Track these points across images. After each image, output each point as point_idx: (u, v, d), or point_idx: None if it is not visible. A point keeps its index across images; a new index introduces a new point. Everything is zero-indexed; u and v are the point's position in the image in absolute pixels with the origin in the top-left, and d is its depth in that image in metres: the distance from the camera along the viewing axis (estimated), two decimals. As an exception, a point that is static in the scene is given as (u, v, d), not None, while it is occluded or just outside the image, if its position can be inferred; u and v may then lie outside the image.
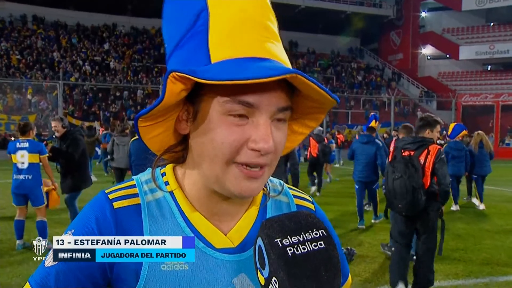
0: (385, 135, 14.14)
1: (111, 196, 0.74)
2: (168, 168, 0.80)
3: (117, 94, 27.90)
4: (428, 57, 39.12)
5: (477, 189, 9.35)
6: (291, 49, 36.78)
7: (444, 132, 29.71)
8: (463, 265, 5.20)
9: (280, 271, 0.55)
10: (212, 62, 0.66)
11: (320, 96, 0.67)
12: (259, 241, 0.59)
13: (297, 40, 37.77)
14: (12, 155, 5.53)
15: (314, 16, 36.86)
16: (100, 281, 0.71)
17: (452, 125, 9.22)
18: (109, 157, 9.69)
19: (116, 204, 0.73)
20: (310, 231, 0.59)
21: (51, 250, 0.71)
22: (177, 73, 0.62)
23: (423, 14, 38.77)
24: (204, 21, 0.69)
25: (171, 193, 0.77)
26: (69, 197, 6.07)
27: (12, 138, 10.99)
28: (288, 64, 0.70)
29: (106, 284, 0.73)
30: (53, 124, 6.05)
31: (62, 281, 0.69)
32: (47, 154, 5.66)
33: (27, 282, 0.72)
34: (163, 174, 0.80)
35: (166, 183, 0.78)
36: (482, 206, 9.14)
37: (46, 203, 5.69)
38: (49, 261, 0.71)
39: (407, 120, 29.38)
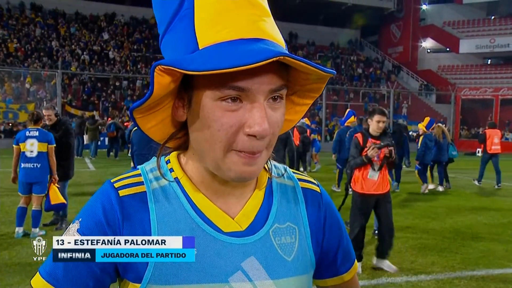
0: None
1: (116, 185, 0.75)
2: (172, 156, 0.81)
3: (116, 84, 27.79)
4: (428, 50, 38.98)
5: (438, 173, 10.83)
6: (291, 40, 36.60)
7: (444, 125, 29.76)
8: (460, 258, 5.23)
9: None
10: (200, 47, 0.65)
11: (315, 72, 0.67)
12: None
13: (297, 31, 37.56)
14: (21, 144, 5.58)
15: (314, 8, 36.63)
16: (111, 271, 0.73)
17: (427, 119, 10.55)
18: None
19: (122, 192, 0.74)
20: None
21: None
22: (162, 65, 0.62)
23: (424, 6, 38.55)
24: (190, 3, 0.67)
25: (176, 179, 0.77)
26: (61, 185, 6.16)
27: (19, 128, 11.00)
28: (279, 41, 0.70)
29: (116, 273, 0.74)
30: (46, 112, 6.13)
31: (72, 271, 0.70)
32: (54, 145, 5.69)
33: (37, 272, 0.73)
34: (168, 162, 0.80)
35: (171, 170, 0.78)
36: (441, 188, 10.65)
37: (46, 193, 5.71)
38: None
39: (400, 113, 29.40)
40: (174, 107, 0.74)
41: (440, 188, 10.70)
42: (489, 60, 37.96)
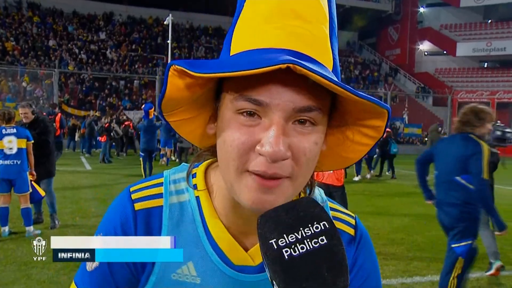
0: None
1: (134, 196, 0.72)
2: (200, 169, 0.75)
3: (113, 83, 27.74)
4: (425, 53, 39.14)
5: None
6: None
7: (439, 128, 29.88)
8: (441, 263, 5.24)
9: (277, 276, 0.49)
10: (231, 54, 0.63)
11: (346, 95, 0.57)
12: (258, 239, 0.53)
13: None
14: None
15: (312, 9, 36.66)
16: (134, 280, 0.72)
17: None
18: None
19: (138, 206, 0.71)
20: (310, 225, 0.51)
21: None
22: (176, 65, 0.59)
23: (421, 9, 38.72)
24: (239, 10, 0.65)
25: (197, 198, 0.72)
26: (46, 183, 6.13)
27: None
28: (327, 61, 0.63)
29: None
30: (22, 110, 6.10)
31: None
32: (32, 141, 5.68)
33: (73, 282, 0.74)
34: (194, 175, 0.75)
35: (195, 186, 0.73)
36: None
37: (31, 190, 5.69)
38: (90, 265, 0.71)
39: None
40: (209, 119, 0.70)
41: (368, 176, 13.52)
42: (486, 64, 38.15)
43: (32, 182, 5.74)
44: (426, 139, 13.86)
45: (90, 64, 28.37)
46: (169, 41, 23.21)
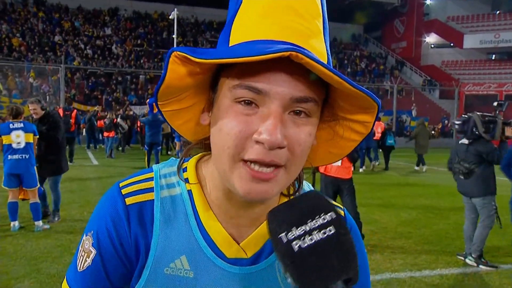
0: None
1: (124, 191, 0.71)
2: (191, 163, 0.76)
3: (119, 78, 27.80)
4: (432, 45, 38.80)
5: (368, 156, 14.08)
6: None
7: (446, 121, 29.61)
8: (449, 256, 5.22)
9: (289, 269, 0.51)
10: (230, 45, 0.64)
11: (342, 87, 0.58)
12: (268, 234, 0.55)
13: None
14: (3, 136, 5.56)
15: (317, 2, 36.40)
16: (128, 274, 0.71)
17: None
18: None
19: (129, 200, 0.70)
20: (317, 217, 0.53)
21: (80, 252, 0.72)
22: (178, 52, 0.59)
23: (427, 1, 38.32)
24: (238, 3, 0.66)
25: (189, 192, 0.72)
26: (53, 180, 6.14)
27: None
28: (321, 54, 0.64)
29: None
30: (31, 106, 6.11)
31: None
32: (37, 136, 5.70)
33: (65, 279, 0.73)
34: (184, 170, 0.75)
35: (186, 180, 0.73)
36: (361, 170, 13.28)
37: (39, 185, 5.72)
38: (81, 264, 0.71)
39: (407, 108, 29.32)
40: (203, 110, 0.71)
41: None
42: (493, 56, 37.75)
43: None
44: (412, 132, 14.23)
45: (96, 59, 28.43)
46: (174, 36, 23.17)
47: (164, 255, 0.69)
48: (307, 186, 0.81)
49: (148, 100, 12.37)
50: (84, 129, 18.44)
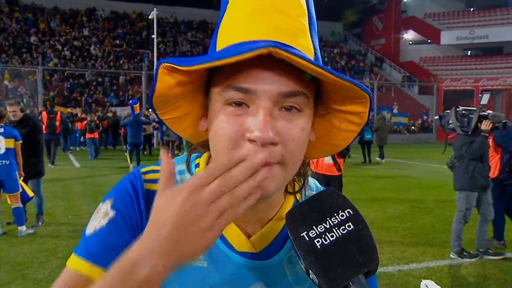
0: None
1: (144, 177, 0.72)
2: (203, 159, 0.77)
3: (99, 80, 27.37)
4: (410, 42, 39.39)
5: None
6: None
7: (425, 117, 30.10)
8: (449, 247, 5.32)
9: (313, 265, 0.53)
10: (217, 50, 0.65)
11: (328, 78, 0.59)
12: (289, 234, 0.57)
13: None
14: None
15: (297, 1, 36.55)
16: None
17: None
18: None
19: (147, 186, 0.71)
20: (336, 214, 0.56)
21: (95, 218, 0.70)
22: (165, 63, 0.61)
23: (405, -2, 38.90)
24: (223, 10, 0.67)
25: None
26: (35, 183, 6.04)
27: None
28: (308, 50, 0.65)
29: None
30: (10, 108, 6.01)
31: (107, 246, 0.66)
32: (21, 141, 5.57)
33: (72, 253, 0.68)
34: (197, 165, 0.76)
35: None
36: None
37: (21, 190, 5.60)
38: (94, 228, 0.68)
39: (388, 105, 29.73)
40: (200, 117, 0.72)
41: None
42: (469, 52, 38.56)
43: (21, 182, 5.65)
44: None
45: (74, 60, 27.91)
46: (154, 36, 22.94)
47: None
48: (312, 183, 0.83)
49: (129, 102, 12.51)
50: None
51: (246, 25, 0.63)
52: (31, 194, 5.80)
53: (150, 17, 22.26)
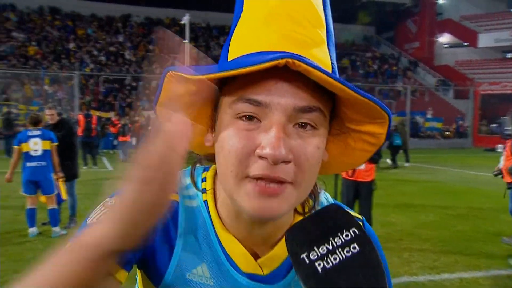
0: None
1: None
2: (210, 174, 0.74)
3: (133, 84, 28.07)
4: (445, 45, 38.36)
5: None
6: (305, 38, 36.42)
7: (461, 122, 29.20)
8: (484, 256, 5.14)
9: None
10: (228, 60, 0.62)
11: (347, 94, 0.56)
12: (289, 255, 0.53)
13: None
14: (23, 144, 5.65)
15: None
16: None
17: None
18: None
19: None
20: (340, 234, 0.51)
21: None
22: (172, 71, 0.59)
23: (440, 0, 37.94)
24: (236, 18, 0.64)
25: (205, 202, 0.71)
26: (69, 185, 6.22)
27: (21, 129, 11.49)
28: (325, 65, 0.61)
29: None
30: (49, 112, 6.29)
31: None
32: (57, 143, 5.77)
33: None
34: (204, 180, 0.73)
35: (204, 190, 0.72)
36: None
37: (57, 191, 5.79)
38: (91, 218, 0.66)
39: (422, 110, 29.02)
40: (207, 131, 0.69)
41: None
42: (509, 54, 37.13)
43: (59, 183, 5.85)
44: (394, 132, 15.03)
45: (110, 65, 28.76)
46: (186, 41, 23.34)
47: (186, 260, 0.68)
48: (324, 199, 0.78)
49: None
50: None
51: (259, 34, 0.60)
52: (64, 196, 6.00)
53: (182, 22, 22.65)
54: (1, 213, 6.93)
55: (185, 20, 21.63)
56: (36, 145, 5.65)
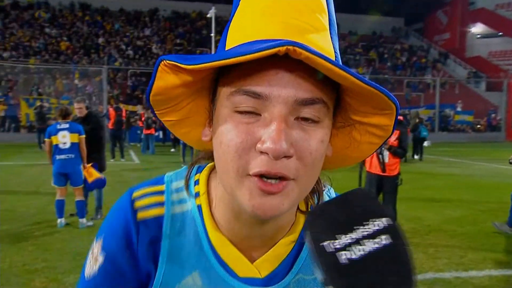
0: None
1: (136, 204, 0.68)
2: (203, 175, 0.71)
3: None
4: (478, 36, 37.10)
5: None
6: (332, 30, 36.03)
7: (493, 115, 28.24)
8: (499, 256, 4.98)
9: (335, 283, 0.42)
10: (226, 49, 0.59)
11: (351, 83, 0.52)
12: (306, 241, 0.46)
13: (338, 21, 36.54)
14: (52, 137, 5.81)
15: (356, -4, 35.76)
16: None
17: None
18: None
19: (140, 215, 0.67)
20: (368, 223, 0.45)
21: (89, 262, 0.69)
22: (166, 60, 0.55)
23: (473, -10, 36.71)
24: (235, 7, 0.62)
25: (199, 207, 0.68)
26: None
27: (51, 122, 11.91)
28: (328, 53, 0.58)
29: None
30: (77, 105, 6.45)
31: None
32: (84, 135, 5.91)
33: None
34: (196, 182, 0.71)
35: (197, 194, 0.69)
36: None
37: (83, 184, 5.94)
38: (88, 273, 0.68)
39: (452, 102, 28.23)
40: (204, 125, 0.66)
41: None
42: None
43: (89, 170, 5.99)
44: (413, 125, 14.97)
45: (137, 59, 29.24)
46: (212, 34, 23.42)
47: (175, 271, 0.66)
48: (327, 197, 0.75)
49: None
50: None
51: (257, 22, 0.57)
52: (98, 175, 6.06)
53: (208, 15, 22.75)
54: (33, 203, 7.19)
55: (211, 13, 21.69)
56: (64, 138, 5.80)
